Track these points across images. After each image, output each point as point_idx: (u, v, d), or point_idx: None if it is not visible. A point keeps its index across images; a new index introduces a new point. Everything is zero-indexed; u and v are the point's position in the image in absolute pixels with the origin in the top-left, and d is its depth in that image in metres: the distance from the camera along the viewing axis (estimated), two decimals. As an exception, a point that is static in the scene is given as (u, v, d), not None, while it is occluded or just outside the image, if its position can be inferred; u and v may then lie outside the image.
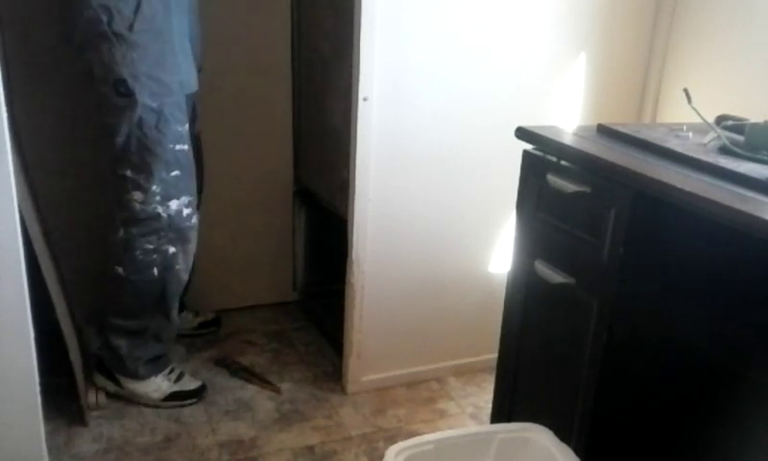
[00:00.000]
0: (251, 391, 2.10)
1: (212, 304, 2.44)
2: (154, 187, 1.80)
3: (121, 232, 1.84)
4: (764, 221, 1.00)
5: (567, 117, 2.12)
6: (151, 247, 1.85)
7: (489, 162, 2.04)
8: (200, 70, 1.94)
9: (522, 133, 1.50)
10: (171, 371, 2.03)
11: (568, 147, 1.40)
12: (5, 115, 1.27)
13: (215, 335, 2.39)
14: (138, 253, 1.84)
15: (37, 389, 1.44)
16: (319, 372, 2.23)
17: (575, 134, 1.50)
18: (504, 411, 1.66)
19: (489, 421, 1.78)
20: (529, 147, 1.51)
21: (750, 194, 1.11)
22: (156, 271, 1.87)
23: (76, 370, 1.83)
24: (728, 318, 1.37)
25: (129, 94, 1.74)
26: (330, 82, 2.15)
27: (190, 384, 2.04)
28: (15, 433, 1.45)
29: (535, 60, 2.03)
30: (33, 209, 1.83)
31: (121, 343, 1.93)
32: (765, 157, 1.27)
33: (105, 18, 1.67)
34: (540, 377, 1.56)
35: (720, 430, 1.47)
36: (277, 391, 2.10)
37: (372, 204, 1.96)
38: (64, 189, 2.20)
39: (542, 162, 1.46)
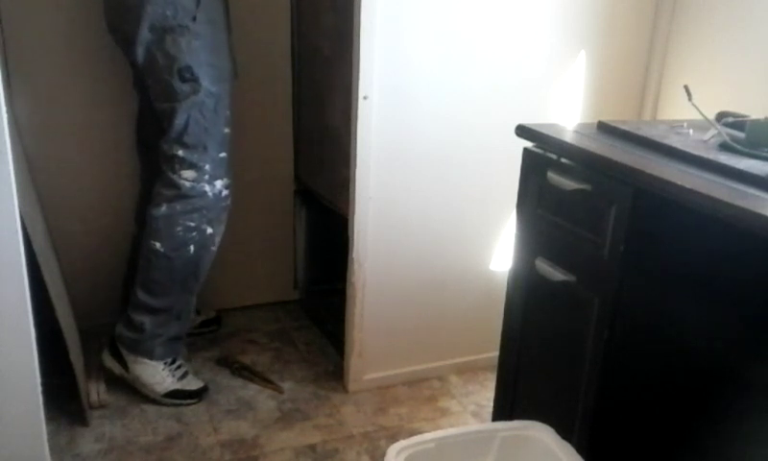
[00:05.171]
0: (252, 390, 2.11)
1: (213, 303, 2.44)
2: (207, 166, 1.91)
3: (164, 208, 1.91)
4: (765, 218, 1.00)
5: (568, 115, 2.11)
6: (192, 224, 1.93)
7: (489, 160, 2.04)
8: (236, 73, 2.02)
9: (523, 131, 1.50)
10: (178, 367, 2.05)
11: (569, 144, 1.40)
12: (5, 115, 1.27)
13: (216, 334, 2.40)
14: (179, 229, 1.92)
15: (39, 389, 1.44)
16: (320, 371, 2.23)
17: (575, 132, 1.49)
18: (505, 409, 1.66)
19: (490, 419, 1.78)
20: (529, 145, 1.51)
21: (750, 191, 1.11)
22: (192, 249, 1.94)
23: (77, 369, 1.83)
24: (728, 315, 1.37)
25: (193, 80, 1.84)
26: (330, 80, 2.14)
27: (192, 384, 2.05)
28: (17, 434, 1.45)
29: (535, 58, 2.03)
30: (33, 208, 1.83)
31: (144, 320, 1.97)
32: (766, 154, 1.26)
33: (170, 12, 1.78)
34: (541, 375, 1.56)
35: (721, 427, 1.47)
36: (279, 390, 2.10)
37: (372, 202, 1.96)
38: (65, 187, 2.21)
39: (543, 160, 1.45)
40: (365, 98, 1.85)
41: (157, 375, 2.00)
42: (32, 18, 2.03)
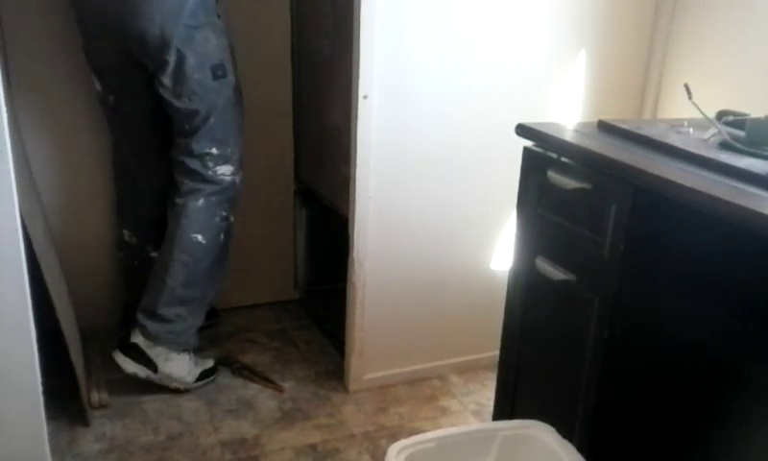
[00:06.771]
0: (253, 390, 2.11)
1: (214, 303, 2.43)
2: (235, 157, 2.00)
3: (202, 201, 1.96)
4: (765, 217, 1.00)
5: (568, 114, 2.11)
6: (224, 214, 2.01)
7: (489, 159, 2.04)
8: None
9: (523, 130, 1.50)
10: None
11: (569, 144, 1.40)
12: (5, 115, 1.27)
13: (216, 334, 2.39)
14: (216, 219, 1.99)
15: (40, 389, 1.44)
16: (321, 370, 2.23)
17: (576, 131, 1.49)
18: (506, 408, 1.66)
19: (491, 418, 1.78)
20: (530, 144, 1.51)
21: (750, 189, 1.11)
22: (222, 236, 2.02)
23: (77, 369, 1.83)
24: (729, 314, 1.37)
25: (224, 76, 1.88)
26: (330, 80, 2.14)
27: (207, 364, 2.12)
28: (18, 434, 1.45)
29: (535, 57, 2.03)
30: (33, 208, 1.83)
31: (182, 311, 2.00)
32: (766, 153, 1.26)
33: (200, 10, 1.79)
34: (541, 375, 1.56)
35: (721, 427, 1.47)
36: (280, 390, 2.10)
37: (373, 202, 1.96)
38: (65, 187, 2.21)
39: (543, 159, 1.45)
40: (365, 97, 1.85)
41: (186, 367, 2.03)
42: (32, 19, 2.03)
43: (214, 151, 1.94)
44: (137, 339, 1.97)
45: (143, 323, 1.97)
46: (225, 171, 1.97)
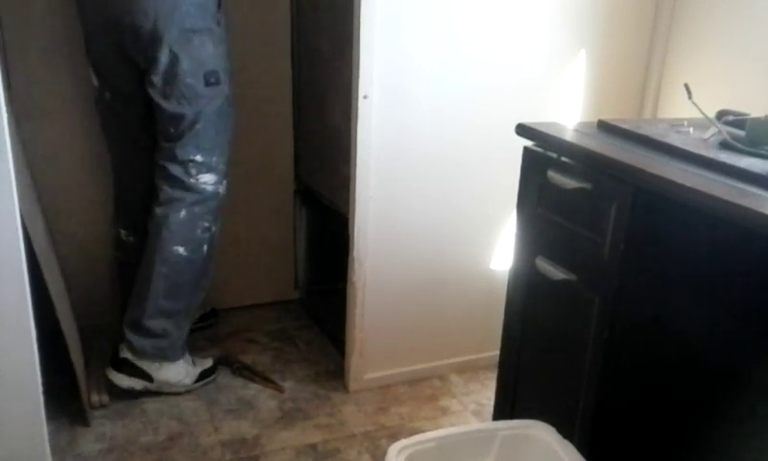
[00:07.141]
0: (253, 389, 2.11)
1: (214, 303, 2.44)
2: (221, 167, 1.96)
3: (184, 213, 1.92)
4: (765, 216, 1.00)
5: (568, 114, 2.11)
6: (207, 225, 1.97)
7: (489, 159, 2.04)
8: None
9: (523, 130, 1.50)
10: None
11: (569, 143, 1.40)
12: (5, 115, 1.27)
13: (216, 334, 2.40)
14: (198, 231, 1.95)
15: (40, 389, 1.44)
16: (321, 370, 2.23)
17: (576, 131, 1.49)
18: (506, 408, 1.66)
19: (491, 418, 1.78)
20: (530, 144, 1.51)
21: (750, 189, 1.11)
22: (205, 248, 1.99)
23: (77, 369, 1.83)
24: (729, 314, 1.37)
25: (217, 83, 1.86)
26: (330, 80, 2.14)
27: (206, 364, 2.11)
28: (18, 433, 1.45)
29: (535, 57, 2.03)
30: (33, 207, 1.83)
31: (166, 325, 1.97)
32: (766, 152, 1.26)
33: (199, 14, 1.79)
34: (542, 374, 1.56)
35: (721, 426, 1.47)
36: (280, 389, 2.10)
37: (373, 201, 1.96)
38: (65, 187, 2.21)
39: (543, 159, 1.45)
40: (365, 97, 1.85)
41: (182, 370, 2.03)
42: (32, 18, 2.03)
43: (198, 158, 1.90)
44: (126, 354, 1.96)
45: (129, 338, 1.95)
46: (207, 180, 1.93)
